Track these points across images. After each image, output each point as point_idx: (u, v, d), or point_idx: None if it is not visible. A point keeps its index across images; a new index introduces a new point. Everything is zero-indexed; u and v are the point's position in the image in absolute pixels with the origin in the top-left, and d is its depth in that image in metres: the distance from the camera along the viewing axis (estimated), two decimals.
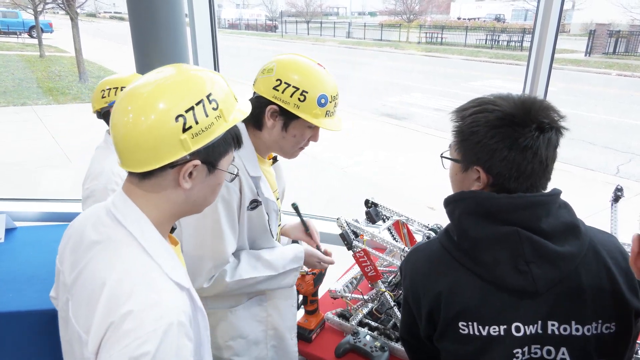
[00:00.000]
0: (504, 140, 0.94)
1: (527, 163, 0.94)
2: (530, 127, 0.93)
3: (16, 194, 5.33)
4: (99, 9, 38.20)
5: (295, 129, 1.37)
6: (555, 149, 0.96)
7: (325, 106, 1.34)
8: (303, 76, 1.33)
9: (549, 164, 0.96)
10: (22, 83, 13.12)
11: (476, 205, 0.96)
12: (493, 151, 0.95)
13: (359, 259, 1.61)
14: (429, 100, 12.03)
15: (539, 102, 0.97)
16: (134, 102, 0.86)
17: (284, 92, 1.32)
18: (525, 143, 0.93)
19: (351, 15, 56.34)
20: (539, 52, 1.89)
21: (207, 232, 1.35)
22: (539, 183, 0.97)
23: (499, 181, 0.97)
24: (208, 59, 2.53)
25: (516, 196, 0.94)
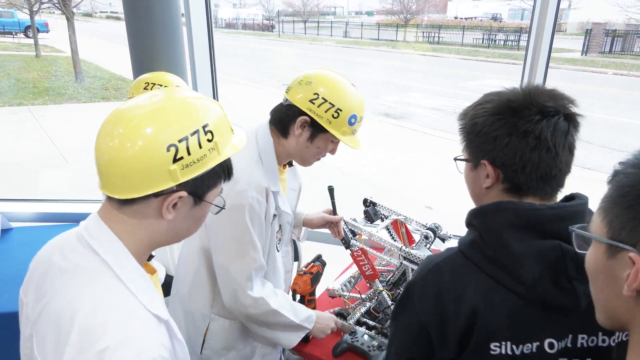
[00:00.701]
0: (503, 127, 0.88)
1: (530, 150, 0.87)
2: (530, 110, 0.87)
3: (13, 195, 5.31)
4: (95, 9, 38.08)
5: (320, 141, 1.44)
6: (566, 136, 0.88)
7: (354, 125, 1.43)
8: (340, 95, 1.40)
9: (560, 152, 0.88)
10: (18, 83, 13.06)
11: (517, 218, 0.87)
12: (494, 139, 0.89)
13: (357, 258, 1.62)
14: (426, 99, 12.04)
15: (543, 88, 0.92)
16: (123, 126, 0.81)
17: (319, 107, 1.38)
18: (525, 127, 0.87)
19: (348, 14, 56.34)
20: (536, 51, 1.90)
21: (243, 244, 1.39)
22: (551, 174, 0.89)
23: (507, 175, 0.90)
24: (204, 58, 2.53)
25: (556, 206, 0.88)
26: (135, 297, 0.80)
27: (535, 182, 0.89)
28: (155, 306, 0.83)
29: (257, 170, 1.41)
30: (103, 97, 12.05)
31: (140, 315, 0.79)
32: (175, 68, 2.27)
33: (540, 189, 0.90)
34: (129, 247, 0.85)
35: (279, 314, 1.46)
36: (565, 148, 0.89)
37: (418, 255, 1.52)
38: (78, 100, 11.78)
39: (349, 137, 1.43)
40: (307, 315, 1.55)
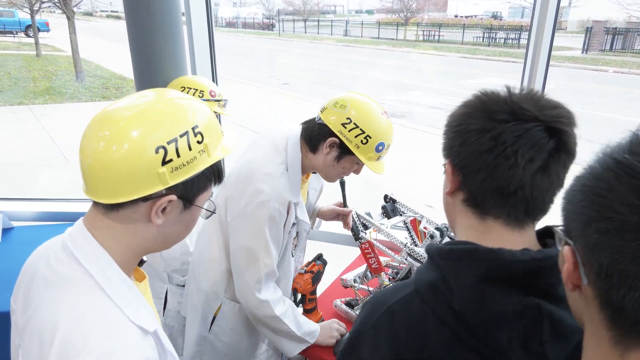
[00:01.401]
0: (465, 122, 0.76)
1: (484, 151, 0.72)
2: (501, 108, 0.72)
3: (14, 194, 5.32)
4: (96, 8, 38.08)
5: (347, 162, 1.50)
6: (539, 150, 0.70)
7: (381, 152, 1.49)
8: (371, 123, 1.46)
9: (522, 164, 0.70)
10: (18, 82, 13.07)
11: (496, 271, 0.71)
12: (455, 135, 0.77)
13: (364, 251, 1.64)
14: (427, 98, 12.04)
15: (537, 94, 0.76)
16: (109, 127, 0.78)
17: (350, 131, 1.44)
18: (484, 124, 0.72)
19: (348, 13, 56.29)
20: (536, 50, 1.89)
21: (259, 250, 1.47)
22: (509, 188, 0.72)
23: (465, 180, 0.76)
24: (205, 57, 2.52)
25: (542, 256, 0.70)
26: (119, 309, 0.78)
27: (491, 196, 0.73)
28: (140, 318, 0.80)
29: (283, 182, 1.48)
30: (104, 97, 12.06)
31: (124, 328, 0.76)
32: (175, 67, 2.27)
33: (499, 208, 0.74)
34: (116, 255, 0.82)
35: (280, 321, 1.52)
36: (534, 164, 0.70)
37: (421, 253, 1.52)
38: (79, 99, 11.78)
39: (374, 163, 1.50)
40: (309, 330, 1.60)
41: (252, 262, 1.48)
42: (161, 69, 2.23)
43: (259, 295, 1.49)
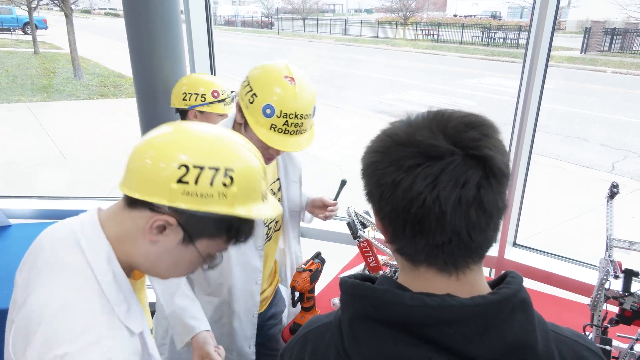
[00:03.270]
0: (376, 172, 0.64)
1: (404, 207, 0.61)
2: (405, 150, 0.62)
3: (11, 191, 5.31)
4: (94, 5, 37.96)
5: (250, 133, 1.33)
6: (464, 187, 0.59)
7: (270, 118, 1.29)
8: (264, 81, 1.30)
9: (449, 209, 0.59)
10: (16, 80, 13.03)
11: (374, 310, 0.63)
12: (372, 186, 0.66)
13: (363, 249, 1.64)
14: (425, 97, 12.04)
15: (439, 114, 0.65)
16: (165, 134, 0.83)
17: (243, 88, 1.34)
18: (394, 177, 0.62)
19: (347, 12, 56.24)
20: (535, 50, 1.89)
21: None
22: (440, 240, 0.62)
23: (390, 237, 0.67)
24: (204, 55, 2.52)
25: (437, 304, 0.60)
26: (111, 305, 0.78)
27: (423, 250, 0.64)
28: (129, 318, 0.80)
29: None
30: (102, 94, 12.02)
31: (111, 324, 0.76)
32: (174, 65, 2.27)
33: (432, 258, 0.64)
34: (118, 253, 0.83)
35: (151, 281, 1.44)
36: (463, 205, 0.59)
37: None
38: (77, 97, 11.75)
39: (265, 131, 1.30)
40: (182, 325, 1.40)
41: None
42: (160, 67, 2.23)
43: None
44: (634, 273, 1.31)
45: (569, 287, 1.94)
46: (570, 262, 2.05)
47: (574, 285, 1.92)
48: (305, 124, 1.36)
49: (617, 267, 1.31)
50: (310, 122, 1.41)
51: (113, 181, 3.88)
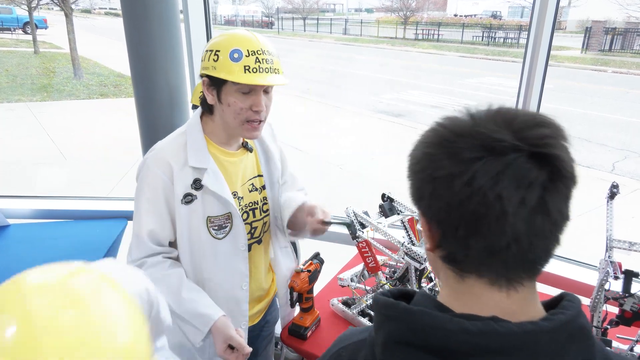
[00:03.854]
0: (430, 164, 0.59)
1: (461, 202, 0.56)
2: (466, 141, 0.56)
3: (10, 191, 5.31)
4: (94, 5, 37.95)
5: (227, 95, 1.33)
6: (528, 188, 0.54)
7: (240, 61, 1.28)
8: (218, 38, 1.33)
9: (512, 211, 0.54)
10: (16, 79, 13.03)
11: (411, 334, 0.58)
12: (421, 183, 0.61)
13: (361, 250, 1.63)
14: (425, 97, 12.04)
15: (508, 110, 0.60)
16: None
17: (205, 60, 1.33)
18: (452, 169, 0.56)
19: (348, 12, 56.20)
20: (535, 49, 1.89)
21: (137, 207, 1.41)
22: (499, 244, 0.56)
23: (442, 239, 0.61)
24: None
25: (480, 326, 0.54)
26: None
27: (477, 256, 0.58)
28: None
29: (172, 145, 1.40)
30: (102, 94, 12.03)
31: None
32: (173, 65, 2.26)
33: (485, 266, 0.59)
34: None
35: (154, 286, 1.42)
36: (527, 206, 0.54)
37: (418, 252, 1.51)
38: (77, 97, 11.75)
39: (242, 75, 1.28)
40: (196, 312, 1.37)
41: (135, 217, 1.42)
42: (159, 67, 2.22)
43: (131, 253, 1.42)
44: (634, 274, 1.31)
45: (569, 288, 1.94)
46: (569, 263, 2.05)
47: (574, 286, 1.92)
48: (276, 63, 1.35)
49: (617, 267, 1.31)
50: (280, 64, 1.38)
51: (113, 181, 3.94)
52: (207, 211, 1.41)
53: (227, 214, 1.44)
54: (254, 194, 1.54)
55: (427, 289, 1.65)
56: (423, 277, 1.65)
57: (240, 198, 1.49)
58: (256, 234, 1.58)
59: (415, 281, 1.61)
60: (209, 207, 1.41)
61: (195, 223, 1.41)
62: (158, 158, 1.38)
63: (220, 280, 1.48)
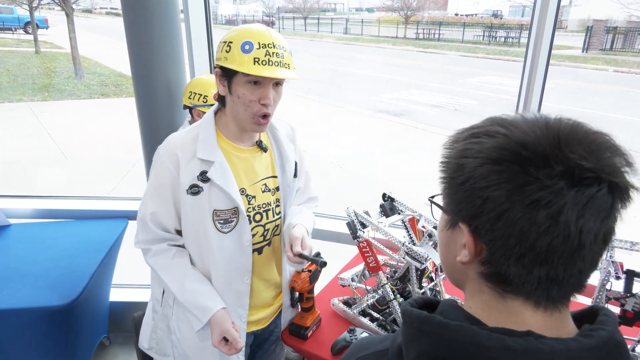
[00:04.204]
0: (501, 184, 0.54)
1: (538, 233, 0.52)
2: (552, 168, 0.52)
3: (11, 191, 5.32)
4: (95, 5, 37.98)
5: (237, 87, 1.34)
6: (604, 220, 0.53)
7: (251, 52, 1.30)
8: (232, 31, 1.35)
9: (587, 244, 0.53)
10: (17, 79, 13.04)
11: (447, 351, 0.55)
12: (483, 201, 0.55)
13: (362, 249, 1.63)
14: (426, 96, 12.02)
15: (579, 128, 0.55)
16: None
17: (219, 51, 1.36)
18: (537, 197, 0.52)
19: (349, 11, 56.16)
20: (536, 49, 1.88)
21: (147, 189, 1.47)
22: (565, 275, 0.55)
23: (493, 257, 0.57)
24: (203, 55, 2.52)
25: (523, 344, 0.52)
26: None
27: (536, 281, 0.56)
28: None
29: (183, 137, 1.43)
30: (102, 94, 12.03)
31: None
32: (173, 65, 2.26)
33: (539, 291, 0.56)
34: None
35: (157, 273, 1.47)
36: (599, 238, 0.53)
37: (419, 252, 1.51)
38: (78, 96, 11.76)
39: (251, 67, 1.30)
40: (197, 304, 1.42)
41: (143, 197, 1.48)
42: (159, 66, 2.22)
43: (148, 258, 1.48)
44: (635, 274, 1.30)
45: None
46: None
47: None
48: (287, 58, 1.37)
49: (618, 267, 1.30)
50: (292, 60, 1.41)
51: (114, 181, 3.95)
52: (214, 204, 1.42)
53: (233, 209, 1.45)
54: (266, 194, 1.53)
55: (428, 289, 1.65)
56: (424, 276, 1.65)
57: (251, 197, 1.49)
58: (268, 236, 1.57)
59: (416, 281, 1.61)
60: (215, 200, 1.42)
61: (201, 215, 1.43)
62: (167, 148, 1.42)
63: (224, 273, 1.49)
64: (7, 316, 1.94)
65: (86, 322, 2.30)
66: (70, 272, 2.17)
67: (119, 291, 2.83)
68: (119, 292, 2.82)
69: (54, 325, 2.01)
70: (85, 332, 2.31)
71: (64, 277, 2.13)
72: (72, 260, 2.26)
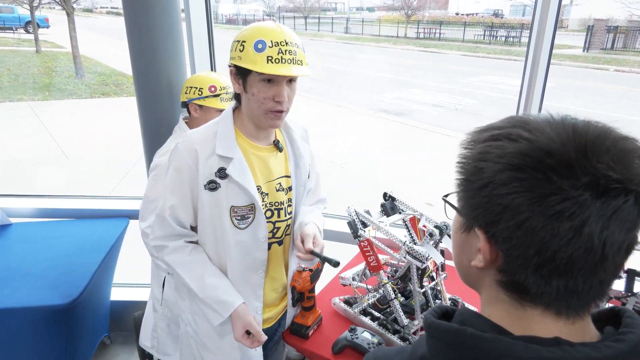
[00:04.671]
0: (522, 193, 0.52)
1: (560, 245, 0.51)
2: (577, 178, 0.50)
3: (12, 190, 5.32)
4: (95, 4, 38.01)
5: (252, 85, 1.36)
6: (629, 232, 0.51)
7: (264, 51, 1.32)
8: (246, 30, 1.37)
9: (610, 257, 0.51)
10: (18, 78, 13.05)
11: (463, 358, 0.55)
12: (503, 209, 0.53)
13: (363, 248, 1.63)
14: (427, 96, 12.02)
15: (607, 134, 0.53)
16: None
17: (233, 50, 1.37)
18: (561, 208, 0.50)
19: (349, 10, 56.15)
20: (537, 48, 1.88)
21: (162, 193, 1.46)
22: (585, 286, 0.53)
23: (510, 266, 0.56)
24: (204, 54, 2.52)
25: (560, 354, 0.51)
26: None
27: (555, 292, 0.54)
28: None
29: (203, 134, 1.44)
30: (103, 93, 12.04)
31: None
32: (174, 64, 2.26)
33: (558, 302, 0.55)
34: None
35: (175, 271, 1.47)
36: (622, 249, 0.52)
37: (420, 252, 1.51)
38: (78, 96, 11.77)
39: (264, 65, 1.32)
40: (218, 299, 1.44)
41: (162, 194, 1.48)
42: (160, 65, 2.22)
43: (165, 257, 1.47)
44: (636, 273, 1.30)
45: None
46: None
47: None
48: (300, 55, 1.38)
49: None
50: (305, 57, 1.41)
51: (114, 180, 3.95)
52: (231, 201, 1.44)
53: (250, 206, 1.47)
54: (280, 193, 1.55)
55: (429, 288, 1.65)
56: (425, 276, 1.65)
57: (265, 194, 1.51)
58: (278, 234, 1.58)
59: (417, 280, 1.60)
60: (233, 196, 1.44)
61: (218, 211, 1.45)
62: (187, 144, 1.42)
63: (239, 266, 1.52)
64: (8, 315, 1.95)
65: (87, 321, 2.30)
66: (71, 271, 2.18)
67: (120, 290, 2.83)
68: (119, 291, 2.82)
69: (55, 324, 2.01)
70: (86, 331, 2.31)
71: (65, 277, 2.13)
72: (73, 260, 2.26)
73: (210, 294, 1.45)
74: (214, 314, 1.46)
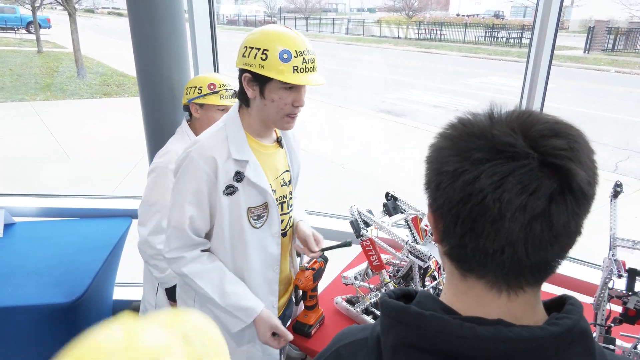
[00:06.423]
0: (440, 159, 0.60)
1: (459, 201, 0.56)
2: (478, 141, 0.56)
3: (15, 190, 5.34)
4: (97, 5, 38.05)
5: (271, 92, 1.38)
6: (532, 195, 0.53)
7: (290, 61, 1.34)
8: (263, 36, 1.37)
9: (510, 216, 0.54)
10: (20, 79, 13.07)
11: (422, 340, 0.58)
12: (431, 174, 0.61)
13: (365, 248, 1.64)
14: (428, 96, 12.03)
15: (526, 111, 0.60)
16: None
17: (249, 56, 1.36)
18: (457, 167, 0.56)
19: (350, 11, 56.17)
20: (539, 49, 1.89)
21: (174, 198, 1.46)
22: (492, 247, 0.56)
23: (445, 234, 0.61)
24: (207, 54, 2.53)
25: (493, 332, 0.55)
26: None
27: (473, 254, 0.58)
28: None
29: (214, 139, 1.43)
30: (105, 93, 12.06)
31: None
32: (178, 64, 2.27)
33: (483, 267, 0.59)
34: None
35: (192, 281, 1.46)
36: (527, 213, 0.53)
37: (422, 251, 1.52)
38: (80, 96, 11.79)
39: (291, 75, 1.35)
40: (240, 305, 1.47)
41: (171, 207, 1.46)
42: (164, 66, 2.24)
43: (184, 269, 1.46)
44: (637, 272, 1.31)
45: (572, 287, 1.94)
46: (573, 262, 2.05)
47: (577, 284, 1.92)
48: (316, 62, 1.43)
49: (620, 266, 1.31)
50: (317, 63, 1.45)
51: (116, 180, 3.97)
52: (248, 202, 1.47)
53: (264, 204, 1.51)
54: (284, 188, 1.60)
55: (431, 288, 1.66)
56: (427, 275, 1.66)
57: (274, 191, 1.55)
58: (282, 227, 1.62)
59: (419, 280, 1.61)
60: (249, 197, 1.47)
61: (236, 214, 1.47)
62: (202, 152, 1.41)
63: (255, 264, 1.55)
64: (12, 313, 1.96)
65: (90, 319, 2.31)
66: (74, 270, 2.19)
67: (123, 289, 2.84)
68: (122, 290, 2.83)
69: (58, 322, 2.02)
70: (89, 330, 2.32)
71: (68, 275, 2.14)
72: (76, 258, 2.27)
73: (232, 301, 1.47)
74: (234, 320, 1.49)
